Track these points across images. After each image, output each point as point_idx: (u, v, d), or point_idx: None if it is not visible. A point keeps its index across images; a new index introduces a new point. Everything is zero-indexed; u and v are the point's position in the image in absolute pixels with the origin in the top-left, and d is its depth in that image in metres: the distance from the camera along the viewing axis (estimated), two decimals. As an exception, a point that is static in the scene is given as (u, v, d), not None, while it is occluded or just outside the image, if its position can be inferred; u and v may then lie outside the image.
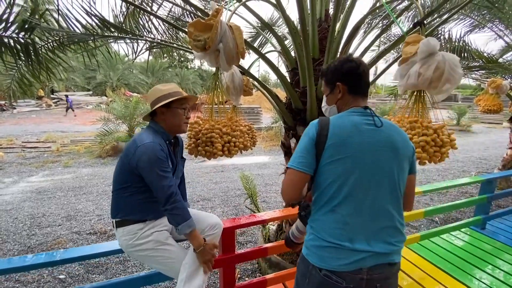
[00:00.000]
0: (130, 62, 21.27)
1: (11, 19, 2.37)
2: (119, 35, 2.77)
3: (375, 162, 0.98)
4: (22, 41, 2.58)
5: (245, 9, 2.30)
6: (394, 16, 1.75)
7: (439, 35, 3.75)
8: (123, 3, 2.53)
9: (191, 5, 2.35)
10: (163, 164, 1.28)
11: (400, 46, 2.49)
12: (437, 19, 2.12)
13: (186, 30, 1.62)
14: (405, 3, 2.12)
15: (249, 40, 4.24)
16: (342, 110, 1.09)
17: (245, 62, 2.55)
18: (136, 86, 23.33)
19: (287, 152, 2.42)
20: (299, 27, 2.27)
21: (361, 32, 2.69)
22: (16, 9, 2.44)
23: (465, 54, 4.26)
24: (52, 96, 20.90)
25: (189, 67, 28.50)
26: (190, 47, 1.67)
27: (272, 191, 5.03)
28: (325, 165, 0.99)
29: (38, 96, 19.47)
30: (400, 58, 1.56)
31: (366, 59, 2.07)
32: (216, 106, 1.84)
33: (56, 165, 6.87)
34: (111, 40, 2.96)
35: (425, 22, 1.50)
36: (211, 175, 6.09)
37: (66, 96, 17.30)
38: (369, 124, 1.01)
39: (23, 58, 2.74)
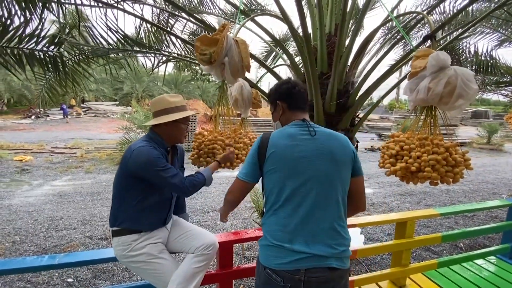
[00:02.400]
0: (155, 74, 22.38)
1: (42, 34, 2.58)
2: (139, 49, 2.93)
3: (311, 168, 1.09)
4: (51, 54, 2.79)
5: (262, 26, 2.36)
6: (404, 31, 1.70)
7: (462, 50, 3.60)
8: (142, 21, 2.67)
9: (205, 24, 2.44)
10: (161, 161, 1.32)
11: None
12: (454, 33, 2.04)
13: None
14: (419, 17, 2.07)
15: (263, 55, 4.31)
16: (285, 125, 1.24)
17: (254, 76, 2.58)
18: (159, 97, 24.29)
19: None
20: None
21: (376, 45, 2.65)
22: (46, 25, 2.66)
23: (493, 70, 4.04)
24: (82, 105, 22.32)
25: (210, 80, 29.41)
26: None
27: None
28: (267, 174, 1.13)
29: (70, 105, 20.88)
30: (409, 72, 1.50)
31: (377, 73, 2.02)
32: (227, 118, 1.86)
33: (79, 170, 7.22)
34: (131, 54, 3.13)
35: (436, 36, 1.44)
36: (223, 186, 6.10)
37: (61, 104, 18.03)
38: (304, 134, 1.14)
39: (52, 70, 2.95)
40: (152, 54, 3.16)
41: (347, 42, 1.97)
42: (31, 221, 4.05)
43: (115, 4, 2.02)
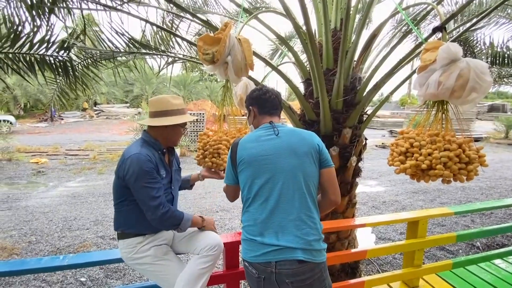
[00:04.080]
0: (164, 76, 22.67)
1: (52, 39, 2.64)
2: (144, 51, 2.95)
3: (275, 164, 1.17)
4: (61, 59, 2.85)
5: (266, 24, 2.33)
6: (413, 23, 1.64)
7: (476, 41, 3.45)
8: (146, 23, 2.69)
9: (209, 24, 2.42)
10: (150, 176, 1.28)
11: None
12: (468, 24, 1.95)
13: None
14: (429, 8, 1.99)
15: (269, 54, 4.28)
16: (256, 128, 1.33)
17: (259, 75, 2.55)
18: (168, 98, 24.59)
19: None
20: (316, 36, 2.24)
21: (386, 39, 2.57)
22: (56, 31, 2.72)
23: (510, 61, 3.86)
24: (94, 108, 22.87)
25: (218, 80, 29.54)
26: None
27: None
28: (239, 174, 1.24)
29: (82, 108, 21.44)
30: (419, 66, 1.44)
31: (387, 68, 1.95)
32: (235, 117, 1.85)
33: (92, 171, 7.40)
34: (138, 56, 3.17)
35: (446, 27, 1.38)
36: (232, 186, 6.11)
37: (50, 107, 18.37)
38: (269, 135, 1.23)
39: (62, 74, 3.02)
40: (158, 56, 3.19)
41: (353, 37, 1.92)
42: (46, 221, 4.17)
43: (118, 7, 2.03)
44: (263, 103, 1.32)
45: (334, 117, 2.04)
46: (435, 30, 1.44)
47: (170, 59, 3.22)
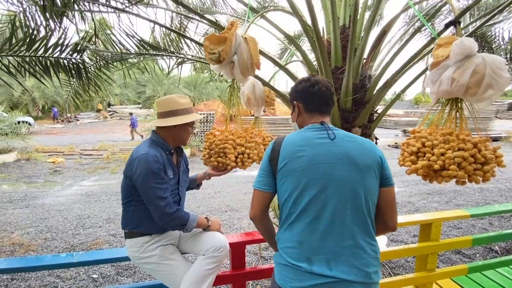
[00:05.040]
0: (175, 77, 23.02)
1: (66, 43, 2.72)
2: (154, 52, 3.00)
3: (330, 175, 0.96)
4: (74, 61, 2.93)
5: (274, 23, 2.31)
6: (425, 18, 1.58)
7: (494, 36, 3.30)
8: (155, 25, 2.72)
9: (218, 25, 2.43)
10: (157, 176, 1.28)
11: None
12: (485, 18, 1.86)
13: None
14: (442, 2, 1.91)
15: (277, 53, 4.25)
16: (301, 127, 1.12)
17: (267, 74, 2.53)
18: (179, 99, 25.01)
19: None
20: (325, 35, 2.20)
21: (397, 36, 2.50)
22: (69, 34, 2.80)
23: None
24: (108, 109, 23.49)
25: (228, 81, 29.70)
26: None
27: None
28: (280, 182, 1.02)
29: (97, 109, 22.05)
30: (431, 63, 1.38)
31: (398, 66, 1.89)
32: (244, 117, 1.85)
33: (105, 171, 7.59)
34: (147, 57, 3.22)
35: (460, 21, 1.31)
36: (241, 185, 6.12)
37: (53, 107, 19.21)
38: (322, 137, 1.02)
39: (75, 76, 3.10)
40: (168, 57, 3.23)
41: (362, 34, 1.87)
42: (62, 219, 4.30)
43: (126, 9, 2.06)
44: (311, 97, 1.09)
45: (342, 116, 2.00)
46: (448, 25, 1.38)
47: (179, 60, 3.26)
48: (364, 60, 2.03)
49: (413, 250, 1.98)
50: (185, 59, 3.27)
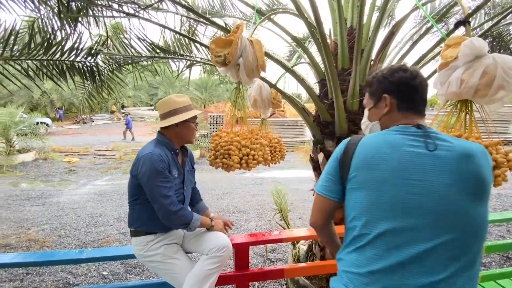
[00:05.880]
0: (186, 79, 23.40)
1: (80, 46, 2.82)
2: (163, 55, 3.06)
3: (431, 198, 0.73)
4: (88, 64, 3.04)
5: (280, 26, 2.32)
6: (435, 18, 1.55)
7: (508, 36, 3.18)
8: (164, 29, 2.78)
9: (227, 30, 2.46)
10: (161, 175, 1.31)
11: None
12: (495, 19, 1.81)
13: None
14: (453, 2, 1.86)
15: (286, 55, 4.25)
16: (386, 128, 0.88)
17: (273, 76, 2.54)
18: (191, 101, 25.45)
19: (316, 167, 2.29)
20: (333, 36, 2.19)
21: (407, 37, 2.45)
22: (84, 38, 2.91)
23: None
24: (122, 111, 24.10)
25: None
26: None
27: (310, 207, 4.80)
28: (350, 192, 0.83)
29: (111, 111, 22.66)
30: (439, 64, 1.36)
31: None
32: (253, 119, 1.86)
33: (117, 171, 7.78)
34: (157, 60, 3.29)
35: (470, 21, 1.28)
36: (249, 187, 6.13)
37: (58, 109, 19.77)
38: (416, 146, 0.77)
39: (89, 79, 3.21)
40: (177, 60, 3.29)
41: (370, 35, 1.85)
42: (75, 217, 4.44)
43: (136, 14, 2.12)
44: (410, 92, 0.87)
45: (349, 118, 1.98)
46: (457, 25, 1.34)
47: (188, 63, 3.31)
48: (372, 62, 2.00)
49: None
50: (194, 62, 3.32)
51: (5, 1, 2.65)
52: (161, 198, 1.30)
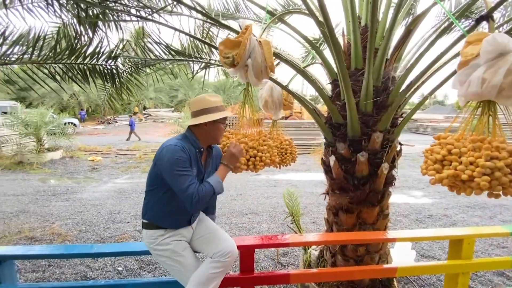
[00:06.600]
0: (205, 82, 23.92)
1: (102, 50, 2.96)
2: (178, 58, 3.13)
3: None
4: (109, 67, 3.18)
5: (292, 26, 2.29)
6: (455, 15, 1.45)
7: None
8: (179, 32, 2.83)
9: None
10: (182, 164, 1.31)
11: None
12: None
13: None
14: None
15: (301, 56, 4.19)
16: None
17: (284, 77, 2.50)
18: (209, 103, 25.92)
19: (327, 170, 2.22)
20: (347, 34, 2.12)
21: (426, 35, 2.33)
22: (105, 43, 3.04)
23: None
24: (143, 112, 25.02)
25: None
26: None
27: (325, 211, 4.68)
28: None
29: (133, 112, 23.59)
30: (459, 62, 1.26)
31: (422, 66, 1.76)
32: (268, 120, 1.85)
33: (137, 170, 8.05)
34: (173, 63, 3.37)
35: (492, 16, 1.18)
36: (263, 189, 6.09)
37: (80, 111, 20.67)
38: None
39: (110, 81, 3.35)
40: (193, 62, 3.35)
41: (385, 32, 1.77)
42: (95, 213, 4.64)
43: (151, 18, 2.18)
44: None
45: (362, 120, 1.90)
46: (479, 20, 1.25)
47: (203, 65, 3.36)
48: (388, 61, 1.92)
49: (441, 267, 1.81)
50: (209, 64, 3.37)
51: (35, 8, 2.83)
52: (181, 191, 1.30)
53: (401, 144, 2.07)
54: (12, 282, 1.44)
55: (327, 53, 2.25)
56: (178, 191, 1.32)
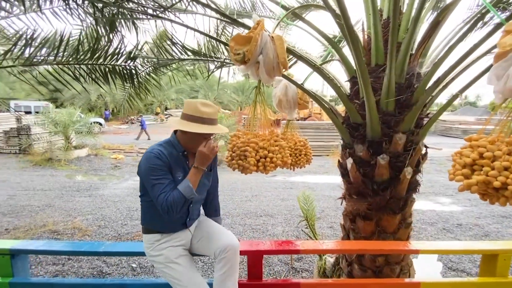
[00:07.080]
0: (225, 83, 24.17)
1: (121, 51, 3.03)
2: (194, 57, 3.14)
3: None
4: (128, 68, 3.25)
5: (307, 21, 2.20)
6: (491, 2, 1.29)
7: None
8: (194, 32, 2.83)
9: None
10: (156, 172, 1.28)
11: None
12: None
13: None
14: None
15: (320, 54, 4.05)
16: None
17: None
18: (228, 104, 26.18)
19: (344, 173, 2.10)
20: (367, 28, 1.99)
21: (455, 28, 2.13)
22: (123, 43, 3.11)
23: None
24: (165, 112, 25.78)
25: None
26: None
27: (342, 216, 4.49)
28: None
29: (155, 113, 24.40)
30: (496, 53, 1.11)
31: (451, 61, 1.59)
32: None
33: (156, 169, 8.27)
34: (190, 62, 3.39)
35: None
36: (279, 191, 5.99)
37: (105, 111, 21.23)
38: None
39: (129, 81, 3.43)
40: (209, 61, 3.35)
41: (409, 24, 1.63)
42: (115, 209, 4.79)
43: (164, 16, 2.18)
44: None
45: (383, 120, 1.76)
46: (521, 6, 1.09)
47: (218, 64, 3.34)
48: (412, 56, 1.77)
49: (472, 285, 1.62)
50: (224, 63, 3.34)
51: (60, 11, 2.95)
52: (155, 201, 1.28)
53: (426, 147, 1.90)
54: (24, 275, 1.48)
55: (346, 50, 2.13)
56: (153, 200, 1.29)
